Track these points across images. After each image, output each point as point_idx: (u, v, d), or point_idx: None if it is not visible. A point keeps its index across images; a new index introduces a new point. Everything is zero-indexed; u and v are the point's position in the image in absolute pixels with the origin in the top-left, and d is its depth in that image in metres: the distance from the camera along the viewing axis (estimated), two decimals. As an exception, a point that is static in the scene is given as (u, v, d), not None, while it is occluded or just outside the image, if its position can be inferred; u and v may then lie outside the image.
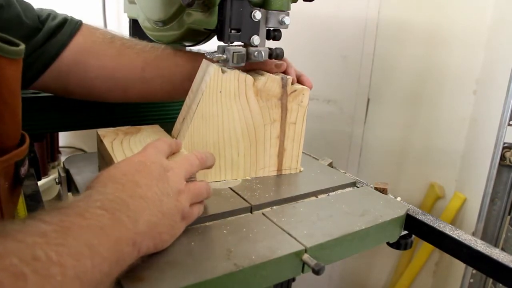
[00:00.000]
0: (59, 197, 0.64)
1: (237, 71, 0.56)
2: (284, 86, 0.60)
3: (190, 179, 0.46)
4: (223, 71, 0.55)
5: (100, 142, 0.58)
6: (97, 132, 0.59)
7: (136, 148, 0.54)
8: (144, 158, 0.43)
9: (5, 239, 0.29)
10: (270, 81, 0.59)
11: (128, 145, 0.55)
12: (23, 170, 0.48)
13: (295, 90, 0.61)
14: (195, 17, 0.62)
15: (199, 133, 0.57)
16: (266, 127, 0.61)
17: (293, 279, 0.72)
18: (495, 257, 0.48)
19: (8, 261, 0.27)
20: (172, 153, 0.49)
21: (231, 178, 0.61)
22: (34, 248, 0.29)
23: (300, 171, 0.66)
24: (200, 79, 0.58)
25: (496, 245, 0.97)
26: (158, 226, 0.39)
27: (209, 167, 0.50)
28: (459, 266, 1.12)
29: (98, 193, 0.37)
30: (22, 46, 0.43)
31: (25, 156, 0.48)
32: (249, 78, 0.57)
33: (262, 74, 0.60)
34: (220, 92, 0.56)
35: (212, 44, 0.63)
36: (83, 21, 0.65)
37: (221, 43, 0.57)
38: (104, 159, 0.57)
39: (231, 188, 0.58)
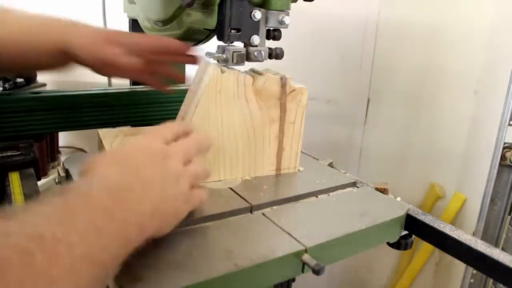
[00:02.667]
0: (59, 197, 0.64)
1: (236, 71, 0.56)
2: (283, 85, 0.60)
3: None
4: (222, 71, 0.55)
5: (100, 142, 0.58)
6: (98, 133, 0.59)
7: None
8: (143, 143, 0.43)
9: (8, 220, 0.29)
10: (269, 81, 0.59)
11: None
12: None
13: (294, 90, 0.61)
14: (195, 17, 0.61)
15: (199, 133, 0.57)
16: (265, 127, 0.61)
17: (293, 279, 0.72)
18: (495, 257, 0.48)
19: (13, 239, 0.27)
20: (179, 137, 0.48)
21: (230, 178, 0.61)
22: (38, 227, 0.29)
23: (298, 170, 0.66)
24: (199, 79, 0.58)
25: (496, 245, 0.97)
26: (162, 209, 0.39)
27: (206, 150, 0.50)
28: (460, 266, 1.12)
29: (101, 177, 0.37)
30: None
31: None
32: (248, 78, 0.57)
33: (261, 74, 0.60)
34: (220, 92, 0.56)
35: (212, 44, 0.63)
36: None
37: (221, 43, 0.56)
38: None
39: (231, 188, 0.57)
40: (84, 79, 0.85)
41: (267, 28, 0.58)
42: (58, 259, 0.28)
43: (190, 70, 0.89)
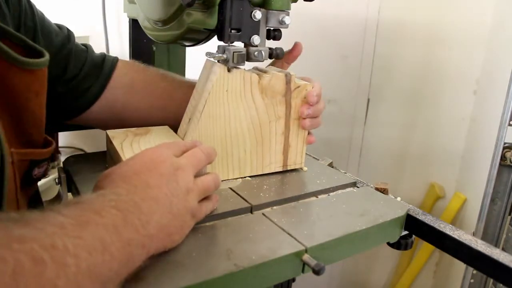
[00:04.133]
0: (59, 197, 0.64)
1: (242, 70, 0.57)
2: (288, 82, 0.60)
3: (199, 174, 0.46)
4: (229, 70, 0.55)
5: (109, 142, 0.58)
6: (106, 133, 0.59)
7: None
8: (154, 156, 0.43)
9: (25, 226, 0.30)
10: (275, 79, 0.59)
11: (138, 146, 0.55)
12: (37, 171, 0.49)
13: (298, 86, 0.61)
14: (195, 17, 0.61)
15: (207, 132, 0.57)
16: (271, 124, 0.61)
17: (293, 279, 0.72)
18: (495, 257, 0.48)
19: (29, 246, 0.28)
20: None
21: (239, 176, 0.61)
22: (53, 237, 0.30)
23: (301, 169, 0.66)
24: (205, 79, 0.58)
25: (496, 245, 0.97)
26: (168, 227, 0.40)
27: (213, 160, 0.50)
28: (460, 266, 1.12)
29: (112, 193, 0.38)
30: (43, 59, 0.45)
31: (43, 160, 0.49)
32: (254, 76, 0.58)
33: (265, 72, 0.60)
34: (227, 91, 0.56)
35: (212, 44, 0.63)
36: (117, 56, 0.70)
37: (221, 43, 0.57)
38: (113, 160, 0.57)
39: (231, 188, 0.57)
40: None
41: (267, 28, 0.58)
42: (66, 270, 0.29)
43: (191, 68, 0.89)
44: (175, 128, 0.63)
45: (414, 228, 0.57)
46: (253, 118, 0.60)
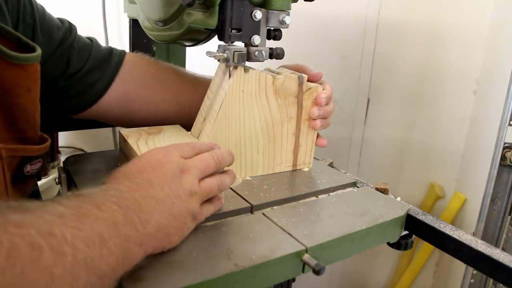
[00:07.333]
0: (59, 197, 0.64)
1: (257, 71, 0.57)
2: (300, 84, 0.61)
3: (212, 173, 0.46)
4: (245, 71, 0.56)
5: (123, 141, 0.58)
6: (120, 132, 0.60)
7: None
8: (162, 155, 0.43)
9: (24, 213, 0.30)
10: (288, 80, 0.60)
11: (153, 144, 0.56)
12: (29, 168, 0.49)
13: (310, 88, 0.62)
14: (196, 17, 0.61)
15: (222, 132, 0.57)
16: (283, 124, 0.62)
17: (293, 279, 0.72)
18: (495, 257, 0.48)
19: (26, 231, 0.28)
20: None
21: (251, 175, 0.62)
22: (51, 225, 0.30)
23: (303, 169, 0.67)
24: (220, 79, 0.58)
25: (496, 245, 0.97)
26: (167, 228, 0.40)
27: (225, 167, 0.49)
28: (460, 266, 1.12)
29: (114, 189, 0.38)
30: (33, 54, 0.45)
31: (36, 156, 0.49)
32: (268, 77, 0.58)
33: (278, 73, 0.61)
34: (243, 91, 0.57)
35: (212, 44, 0.63)
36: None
37: (222, 43, 0.57)
38: (127, 158, 0.57)
39: (231, 188, 0.57)
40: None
41: (267, 28, 0.58)
42: (62, 259, 0.29)
43: (191, 68, 0.89)
44: (185, 125, 0.63)
45: (414, 228, 0.57)
46: (267, 118, 0.60)
